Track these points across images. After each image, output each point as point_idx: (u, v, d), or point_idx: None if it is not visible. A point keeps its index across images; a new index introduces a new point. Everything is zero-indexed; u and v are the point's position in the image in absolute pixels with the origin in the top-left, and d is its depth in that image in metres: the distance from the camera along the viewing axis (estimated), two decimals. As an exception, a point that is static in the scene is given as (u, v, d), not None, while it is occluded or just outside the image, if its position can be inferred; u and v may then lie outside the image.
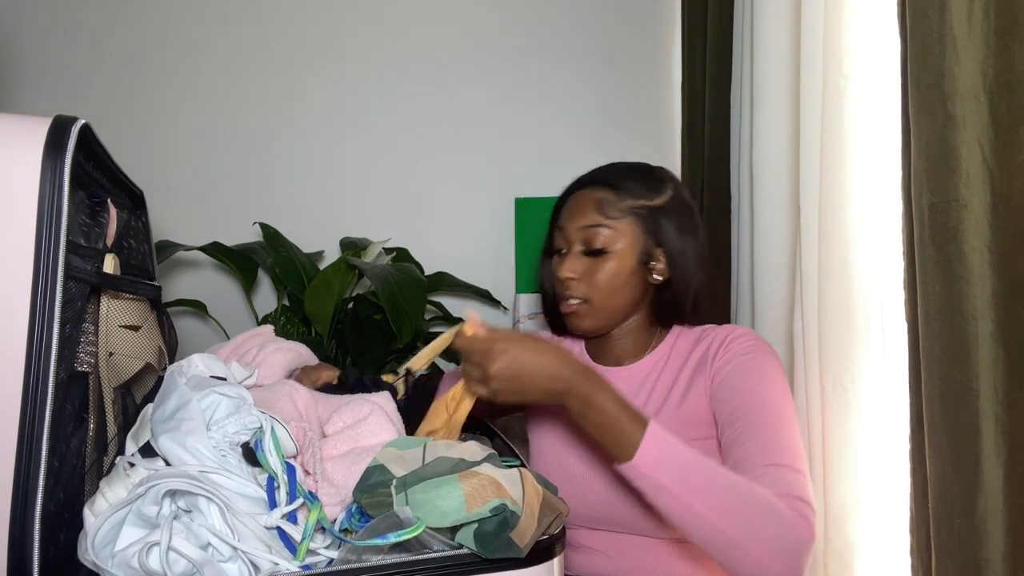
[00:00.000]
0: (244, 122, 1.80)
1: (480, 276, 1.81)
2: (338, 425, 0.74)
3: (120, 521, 0.56)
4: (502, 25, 1.89)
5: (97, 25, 1.73)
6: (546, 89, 1.90)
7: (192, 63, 1.78)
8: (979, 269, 0.68)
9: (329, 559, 0.60)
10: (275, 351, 0.89)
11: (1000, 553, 0.68)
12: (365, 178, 1.85)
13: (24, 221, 0.53)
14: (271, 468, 0.60)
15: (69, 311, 0.57)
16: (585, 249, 0.94)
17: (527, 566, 0.59)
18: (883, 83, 0.84)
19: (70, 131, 0.56)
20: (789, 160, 1.20)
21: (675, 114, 1.89)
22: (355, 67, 1.84)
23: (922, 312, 0.74)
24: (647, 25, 1.94)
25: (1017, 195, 0.66)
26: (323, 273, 1.48)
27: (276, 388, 0.77)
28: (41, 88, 1.71)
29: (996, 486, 0.68)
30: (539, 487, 0.65)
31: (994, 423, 0.68)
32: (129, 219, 0.82)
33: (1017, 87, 0.66)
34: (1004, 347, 0.68)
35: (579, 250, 0.95)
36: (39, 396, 0.53)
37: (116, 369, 0.74)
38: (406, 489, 0.60)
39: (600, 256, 0.93)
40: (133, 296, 0.76)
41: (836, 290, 0.92)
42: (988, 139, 0.68)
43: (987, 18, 0.67)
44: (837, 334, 0.93)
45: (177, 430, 0.60)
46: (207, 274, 1.79)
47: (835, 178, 0.90)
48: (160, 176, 1.74)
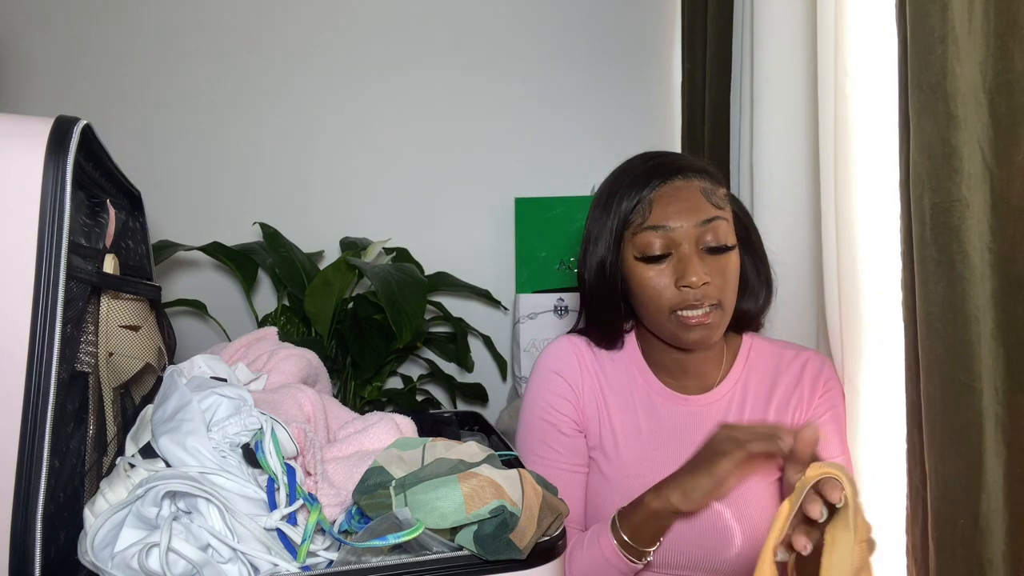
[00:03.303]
0: (244, 122, 1.80)
1: (480, 276, 1.81)
2: (348, 431, 0.75)
3: (120, 522, 0.56)
4: (502, 25, 1.89)
5: (96, 24, 1.73)
6: (546, 89, 1.90)
7: (192, 63, 1.77)
8: (980, 269, 0.68)
9: (329, 560, 0.60)
10: (286, 358, 0.89)
11: (1001, 553, 0.68)
12: (365, 178, 1.85)
13: (26, 221, 0.53)
14: (271, 469, 0.60)
15: (70, 311, 0.57)
16: (710, 246, 0.85)
17: (527, 567, 0.59)
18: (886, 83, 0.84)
19: (72, 132, 0.56)
20: (790, 160, 1.20)
21: (675, 114, 1.89)
22: (356, 67, 1.84)
23: (923, 312, 0.74)
24: (647, 25, 1.94)
25: (1017, 195, 0.66)
26: (323, 273, 1.48)
27: (282, 390, 0.77)
28: (39, 88, 1.71)
29: (997, 486, 0.68)
30: (539, 488, 0.65)
31: (995, 423, 0.68)
32: (127, 220, 0.82)
33: (1017, 87, 0.66)
34: (1004, 347, 0.68)
35: (699, 249, 0.85)
36: (41, 396, 0.53)
37: (116, 369, 0.74)
38: (405, 490, 0.60)
39: (724, 253, 0.85)
40: (133, 296, 0.76)
41: (849, 291, 0.92)
42: (988, 139, 0.68)
43: (987, 18, 0.67)
44: (852, 335, 0.93)
45: (177, 431, 0.60)
46: (207, 274, 1.79)
47: (844, 178, 0.90)
48: (160, 176, 1.74)
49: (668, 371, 0.95)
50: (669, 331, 0.87)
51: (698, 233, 0.84)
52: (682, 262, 0.84)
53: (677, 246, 0.85)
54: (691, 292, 0.83)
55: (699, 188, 0.86)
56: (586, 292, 0.95)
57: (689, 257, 0.84)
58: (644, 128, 1.94)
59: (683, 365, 0.94)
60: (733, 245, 0.86)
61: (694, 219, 0.84)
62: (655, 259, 0.86)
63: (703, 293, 0.83)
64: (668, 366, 0.95)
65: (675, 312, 0.85)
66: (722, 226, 0.85)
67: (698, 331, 0.84)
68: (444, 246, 1.86)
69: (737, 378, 0.94)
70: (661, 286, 0.85)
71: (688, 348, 0.89)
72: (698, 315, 0.84)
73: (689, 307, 0.84)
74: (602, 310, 0.94)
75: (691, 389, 0.94)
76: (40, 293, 0.53)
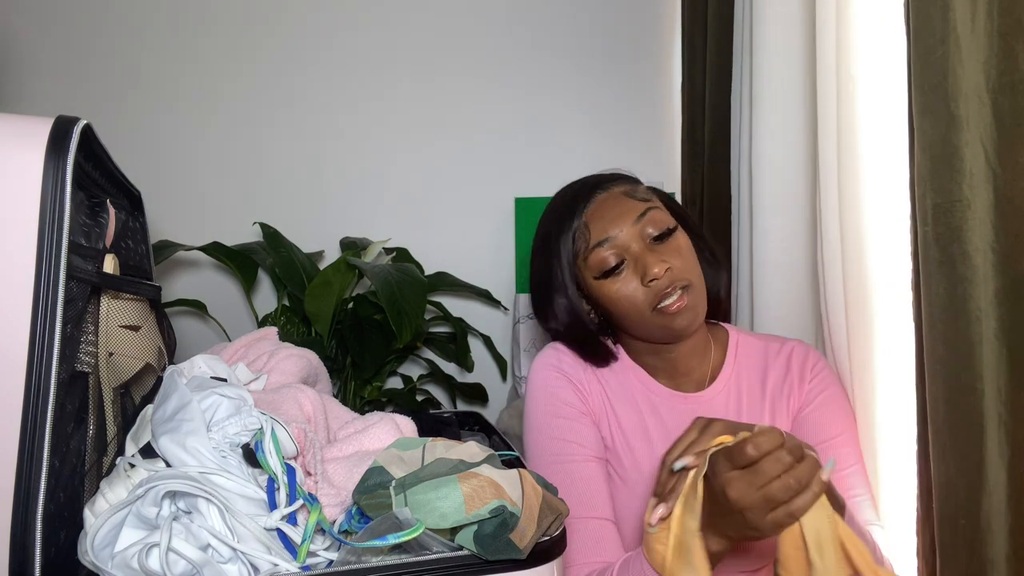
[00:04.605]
0: (244, 122, 1.80)
1: (480, 276, 1.81)
2: (348, 431, 0.74)
3: (120, 522, 0.56)
4: (502, 25, 1.89)
5: (96, 25, 1.73)
6: (546, 89, 1.90)
7: (192, 62, 1.77)
8: (983, 269, 0.68)
9: (329, 560, 0.60)
10: (286, 358, 0.89)
11: (1003, 554, 0.68)
12: (365, 178, 1.85)
13: (26, 221, 0.53)
14: (271, 469, 0.60)
15: (70, 311, 0.57)
16: (654, 235, 0.88)
17: (527, 567, 0.59)
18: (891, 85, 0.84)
19: (72, 132, 0.56)
20: (790, 160, 1.20)
21: (675, 114, 1.89)
22: (355, 67, 1.84)
23: (926, 312, 0.74)
24: (647, 25, 1.94)
25: (1020, 195, 0.66)
26: (323, 273, 1.48)
27: (282, 390, 0.76)
28: (39, 88, 1.71)
29: (1000, 487, 0.68)
30: (539, 488, 0.65)
31: (997, 423, 0.68)
32: (127, 220, 0.82)
33: (1020, 87, 0.66)
34: (1007, 347, 0.68)
35: (647, 243, 0.88)
36: (41, 396, 0.53)
37: (116, 369, 0.73)
38: (405, 490, 0.60)
39: (670, 235, 0.88)
40: (133, 296, 0.76)
41: (855, 292, 0.92)
42: (991, 139, 0.68)
43: (990, 18, 0.67)
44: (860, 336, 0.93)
45: (177, 431, 0.60)
46: (207, 274, 1.79)
47: (850, 179, 0.90)
48: (160, 176, 1.74)
49: (662, 371, 0.96)
50: (657, 327, 0.89)
51: (639, 229, 0.88)
52: (638, 261, 0.87)
53: (627, 249, 0.88)
54: (659, 283, 0.86)
55: (620, 193, 0.90)
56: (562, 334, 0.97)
57: (642, 254, 0.87)
58: (644, 128, 1.94)
59: (674, 363, 0.95)
60: (675, 226, 0.90)
61: (629, 219, 0.88)
62: (613, 271, 0.88)
63: (670, 279, 0.86)
64: (660, 366, 0.96)
65: (655, 308, 0.87)
66: (656, 214, 0.89)
67: (682, 316, 0.86)
68: (444, 246, 1.86)
69: (730, 373, 0.95)
70: (631, 291, 0.88)
71: (678, 337, 0.90)
72: (674, 300, 0.86)
73: (664, 297, 0.86)
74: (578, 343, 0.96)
75: (687, 386, 0.96)
76: (40, 293, 0.53)
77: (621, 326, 0.94)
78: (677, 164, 1.84)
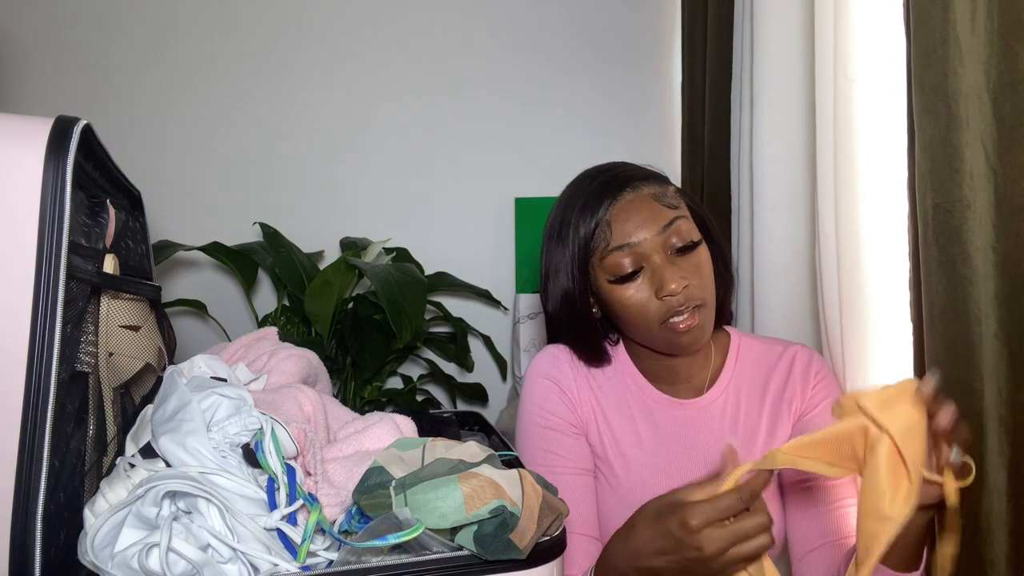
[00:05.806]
0: (244, 122, 1.80)
1: (480, 276, 1.81)
2: (348, 431, 0.74)
3: (120, 522, 0.56)
4: (502, 25, 1.89)
5: (96, 25, 1.73)
6: (546, 89, 1.90)
7: (192, 63, 1.77)
8: (983, 269, 0.68)
9: (329, 560, 0.60)
10: (286, 358, 0.88)
11: (1004, 554, 0.68)
12: (365, 178, 1.85)
13: (26, 221, 0.53)
14: (271, 469, 0.60)
15: (70, 311, 0.57)
16: (678, 247, 0.84)
17: (528, 567, 0.59)
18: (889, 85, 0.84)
19: (72, 132, 0.56)
20: (790, 160, 1.19)
21: (675, 114, 1.89)
22: (355, 67, 1.84)
23: (926, 312, 0.74)
24: (647, 25, 1.94)
25: (1020, 195, 0.66)
26: (323, 273, 1.48)
27: (282, 391, 0.76)
28: (39, 88, 1.71)
29: (1000, 487, 0.68)
30: (539, 488, 0.65)
31: (998, 423, 0.68)
32: (127, 220, 0.82)
33: (1021, 87, 0.66)
34: (1008, 347, 0.68)
35: (668, 255, 0.84)
36: (41, 395, 0.52)
37: (116, 369, 0.73)
38: (405, 490, 0.60)
39: (693, 249, 0.84)
40: (133, 296, 0.76)
41: (850, 291, 0.92)
42: (991, 140, 0.68)
43: (990, 19, 0.67)
44: (855, 335, 0.92)
45: (177, 431, 0.60)
46: (207, 274, 1.79)
47: (847, 179, 0.90)
48: (160, 176, 1.74)
49: (661, 378, 0.95)
50: (662, 340, 0.87)
51: (663, 240, 0.84)
52: (656, 273, 0.83)
53: (647, 259, 0.84)
54: (673, 299, 0.83)
55: (650, 195, 0.86)
56: (551, 321, 0.95)
57: (662, 266, 0.83)
58: (644, 128, 1.94)
59: (674, 370, 0.94)
60: (699, 240, 0.86)
61: (655, 227, 0.83)
62: (628, 277, 0.85)
63: (685, 296, 0.83)
64: (660, 373, 0.95)
65: (664, 323, 0.84)
66: (683, 224, 0.85)
67: (690, 334, 0.84)
68: (444, 246, 1.86)
69: (729, 378, 0.94)
70: (643, 301, 0.85)
71: (681, 353, 0.89)
72: (685, 319, 0.83)
73: (676, 314, 0.83)
74: (574, 335, 0.94)
75: (685, 393, 0.94)
76: (40, 293, 0.53)
77: (625, 330, 0.93)
78: (677, 164, 1.84)
